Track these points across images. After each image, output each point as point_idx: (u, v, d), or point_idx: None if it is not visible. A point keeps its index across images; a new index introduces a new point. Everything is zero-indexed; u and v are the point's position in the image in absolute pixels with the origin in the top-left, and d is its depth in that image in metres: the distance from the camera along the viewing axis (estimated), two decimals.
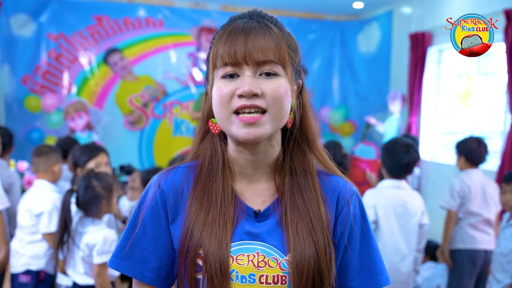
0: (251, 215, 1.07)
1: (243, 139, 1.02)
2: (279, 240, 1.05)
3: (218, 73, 1.04)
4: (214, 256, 1.00)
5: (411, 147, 2.93)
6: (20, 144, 6.19)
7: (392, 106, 6.06)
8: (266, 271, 1.02)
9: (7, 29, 6.15)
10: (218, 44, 1.04)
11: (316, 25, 7.38)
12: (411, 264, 2.91)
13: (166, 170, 1.14)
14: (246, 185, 1.11)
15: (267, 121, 1.01)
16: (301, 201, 1.07)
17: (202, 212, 1.05)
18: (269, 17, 1.10)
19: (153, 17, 6.76)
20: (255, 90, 0.99)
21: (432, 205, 5.53)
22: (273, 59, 1.01)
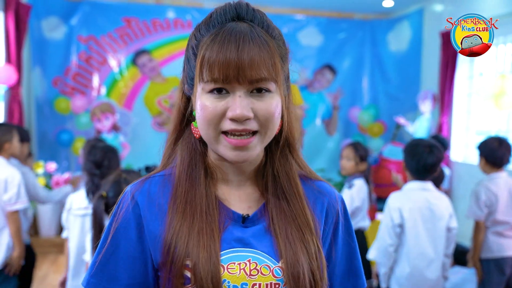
0: (238, 220, 1.02)
1: (232, 161, 0.98)
2: (269, 246, 1.00)
3: (204, 86, 0.95)
4: (204, 267, 0.93)
5: (434, 147, 2.85)
6: (50, 145, 6.30)
7: (422, 106, 5.94)
8: (259, 279, 0.97)
9: (38, 32, 6.26)
10: (207, 51, 0.94)
11: (345, 24, 7.29)
12: (438, 269, 2.82)
13: (141, 180, 1.05)
14: (229, 190, 1.05)
15: (257, 142, 0.97)
16: (287, 207, 1.03)
17: (186, 222, 0.98)
18: (259, 17, 0.99)
19: (182, 18, 6.78)
20: (247, 114, 0.93)
21: (463, 207, 5.39)
22: (267, 77, 0.94)
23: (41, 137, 6.32)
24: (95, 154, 2.99)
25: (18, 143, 3.37)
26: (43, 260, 5.16)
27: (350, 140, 6.48)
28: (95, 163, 2.94)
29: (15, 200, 3.15)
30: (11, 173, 3.16)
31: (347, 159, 3.65)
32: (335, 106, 7.08)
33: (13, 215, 3.17)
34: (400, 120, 6.26)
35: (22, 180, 3.23)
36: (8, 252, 3.17)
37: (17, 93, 5.21)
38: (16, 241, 3.18)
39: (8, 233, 3.17)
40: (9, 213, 3.15)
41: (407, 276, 2.82)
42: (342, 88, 7.06)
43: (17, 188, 3.15)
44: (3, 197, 3.13)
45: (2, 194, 3.13)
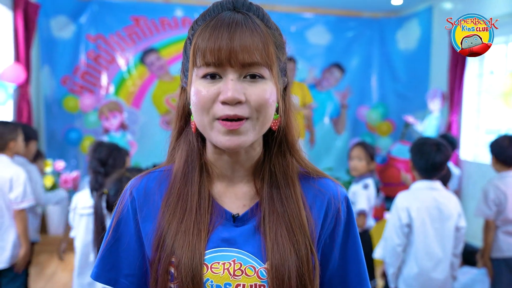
0: (229, 219, 1.01)
1: (224, 146, 0.95)
2: (256, 247, 0.98)
3: (198, 71, 0.95)
4: (186, 266, 0.94)
5: (442, 145, 2.82)
6: (59, 144, 6.32)
7: (431, 105, 5.89)
8: (243, 280, 0.96)
9: (47, 31, 6.28)
10: (200, 38, 0.94)
11: (353, 22, 7.26)
12: (447, 269, 2.80)
13: (140, 176, 1.08)
14: (225, 188, 1.04)
15: (249, 128, 0.95)
16: (281, 207, 1.00)
17: (175, 220, 0.99)
18: (255, 8, 1.00)
19: (190, 17, 6.78)
20: (239, 96, 0.92)
21: (473, 207, 5.35)
22: (260, 61, 0.93)
23: (49, 136, 6.35)
24: (100, 152, 2.99)
25: (22, 142, 3.38)
26: (51, 258, 5.18)
27: (358, 139, 6.45)
28: (100, 161, 2.94)
29: (22, 198, 3.16)
30: (16, 172, 3.17)
31: (358, 159, 3.60)
32: (343, 104, 7.05)
33: (20, 213, 3.18)
34: (409, 119, 6.22)
35: (28, 178, 3.23)
36: (14, 250, 3.18)
37: (25, 91, 5.22)
38: (23, 239, 3.19)
39: (14, 231, 3.18)
40: (16, 212, 3.17)
41: (415, 276, 2.80)
42: (351, 87, 7.03)
43: (23, 187, 3.16)
44: (10, 195, 3.14)
45: (7, 193, 3.14)
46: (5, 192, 3.14)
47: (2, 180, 3.14)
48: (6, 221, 3.16)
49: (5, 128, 3.26)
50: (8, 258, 3.15)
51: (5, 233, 3.16)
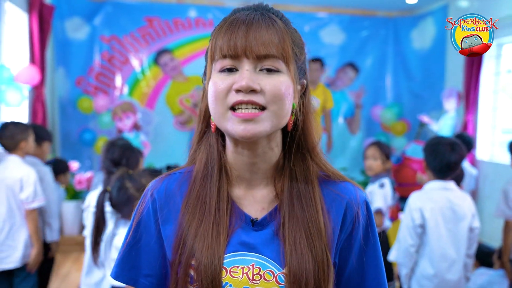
0: (248, 223, 1.01)
1: (239, 136, 0.94)
2: (275, 252, 0.98)
3: (215, 66, 0.96)
4: (205, 268, 0.95)
5: (456, 145, 2.78)
6: (73, 145, 6.36)
7: (447, 104, 5.83)
8: (262, 284, 0.96)
9: (61, 33, 6.33)
10: (218, 35, 0.96)
11: (368, 22, 7.21)
12: (460, 270, 2.76)
13: (160, 177, 1.09)
14: (244, 190, 1.04)
15: (266, 118, 0.94)
16: (300, 212, 1.00)
17: (195, 222, 0.99)
18: (274, 10, 1.02)
19: (203, 17, 6.78)
20: (253, 85, 0.92)
21: (489, 207, 5.28)
22: (275, 54, 0.94)
23: (64, 137, 6.39)
24: (113, 152, 2.99)
25: (33, 142, 3.40)
26: (65, 258, 5.21)
27: (373, 139, 6.40)
28: (113, 161, 2.94)
29: (32, 198, 3.18)
30: (26, 172, 3.19)
31: (373, 158, 3.56)
32: (357, 104, 7.00)
33: (31, 213, 3.20)
34: (424, 119, 6.16)
35: (38, 178, 3.25)
36: (26, 250, 3.20)
37: (40, 93, 5.26)
38: (34, 239, 3.21)
39: (26, 231, 3.20)
40: (27, 212, 3.19)
41: (430, 277, 2.76)
42: (365, 86, 6.98)
43: (34, 187, 3.18)
44: (20, 196, 3.17)
45: (18, 193, 3.16)
46: (16, 192, 3.16)
47: (12, 180, 3.16)
48: (17, 221, 3.18)
49: (16, 128, 3.28)
50: (20, 258, 3.18)
51: (17, 232, 3.18)
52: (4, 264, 3.15)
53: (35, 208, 3.22)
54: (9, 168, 3.21)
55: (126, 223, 2.54)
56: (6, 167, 3.21)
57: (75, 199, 5.51)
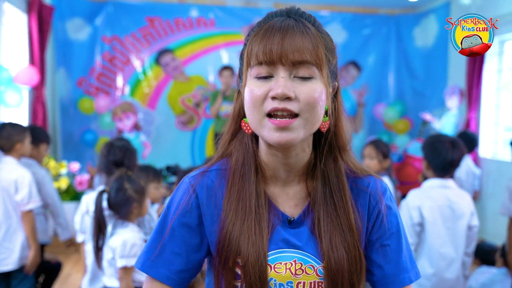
0: (285, 221, 1.07)
1: (275, 143, 0.99)
2: (314, 248, 1.05)
3: (251, 72, 1.01)
4: (253, 265, 1.00)
5: (456, 142, 2.75)
6: (75, 145, 6.36)
7: (449, 102, 5.79)
8: (303, 278, 1.04)
9: (62, 34, 6.33)
10: (254, 41, 1.00)
11: (370, 20, 7.18)
12: (459, 269, 2.73)
13: (200, 173, 1.11)
14: (278, 188, 1.10)
15: (299, 126, 0.98)
16: (333, 210, 1.07)
17: (238, 220, 1.04)
18: (307, 15, 1.06)
19: (205, 17, 6.77)
20: (288, 93, 0.96)
21: (492, 205, 5.24)
22: (310, 60, 0.98)
23: (65, 138, 6.39)
24: (114, 153, 2.97)
25: (29, 144, 3.38)
26: (66, 260, 5.19)
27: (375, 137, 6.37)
28: (114, 162, 2.92)
29: (28, 200, 3.16)
30: (21, 174, 3.17)
31: (369, 158, 3.55)
32: (360, 103, 6.96)
33: (27, 215, 3.18)
34: (427, 117, 6.13)
35: (33, 180, 3.23)
36: (23, 252, 3.18)
37: (40, 94, 5.26)
38: (31, 240, 3.20)
39: (22, 233, 3.19)
40: (23, 213, 3.17)
41: (429, 276, 2.73)
42: (368, 85, 6.95)
43: (28, 188, 3.16)
44: (16, 197, 3.15)
45: (14, 195, 3.15)
46: (11, 194, 3.15)
47: (7, 182, 3.14)
48: (13, 223, 3.17)
49: (13, 129, 3.27)
50: (17, 260, 3.16)
51: (13, 234, 3.16)
52: (1, 266, 3.14)
53: (31, 209, 3.20)
54: (3, 169, 3.19)
55: (123, 224, 2.53)
56: (1, 169, 3.20)
57: (76, 200, 5.50)
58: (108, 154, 2.96)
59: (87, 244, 3.00)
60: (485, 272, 3.99)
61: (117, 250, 2.40)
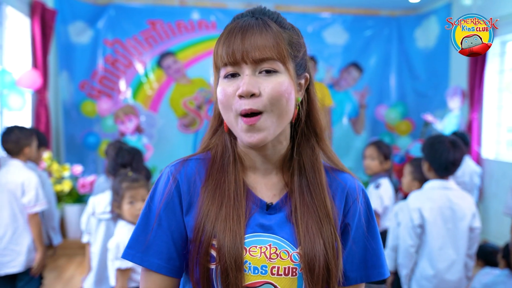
0: (263, 207, 1.09)
1: (247, 143, 1.04)
2: (289, 233, 1.07)
3: (220, 73, 1.06)
4: (229, 249, 1.02)
5: (456, 142, 2.76)
6: (77, 148, 6.37)
7: (451, 103, 5.79)
8: (278, 263, 1.05)
9: (65, 37, 6.35)
10: (218, 44, 1.06)
11: (371, 21, 7.18)
12: (461, 270, 2.72)
13: (180, 162, 1.14)
14: (257, 178, 1.13)
15: (267, 123, 1.03)
16: (310, 198, 1.09)
17: (214, 206, 1.06)
18: (270, 13, 1.09)
19: (206, 19, 6.78)
20: (253, 89, 1.00)
21: (495, 206, 5.24)
22: (271, 56, 1.02)
23: (68, 140, 6.40)
24: (123, 156, 3.00)
25: (36, 148, 3.41)
26: (69, 262, 5.22)
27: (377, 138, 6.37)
28: (123, 165, 2.95)
29: (34, 202, 3.18)
30: (28, 176, 3.20)
31: (370, 158, 3.57)
32: (362, 104, 6.97)
33: (34, 217, 3.20)
34: (428, 118, 6.12)
35: (40, 182, 3.25)
36: (29, 254, 3.20)
37: (43, 97, 5.28)
38: (38, 243, 3.22)
39: (29, 235, 3.20)
40: (30, 216, 3.19)
41: (430, 277, 2.73)
42: (369, 86, 6.95)
43: (35, 191, 3.18)
44: (22, 200, 3.17)
45: (20, 198, 3.17)
46: (17, 196, 3.17)
47: (14, 185, 3.16)
48: (20, 225, 3.19)
49: (21, 133, 3.30)
50: (24, 262, 3.18)
51: (20, 237, 3.18)
52: (8, 268, 3.16)
53: (38, 212, 3.22)
54: (10, 172, 3.22)
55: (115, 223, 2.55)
56: (8, 172, 3.22)
57: (79, 203, 5.52)
58: (116, 157, 2.99)
59: (93, 245, 3.02)
60: (488, 273, 3.99)
61: (111, 252, 2.41)
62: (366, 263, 1.14)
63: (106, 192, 3.00)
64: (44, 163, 4.92)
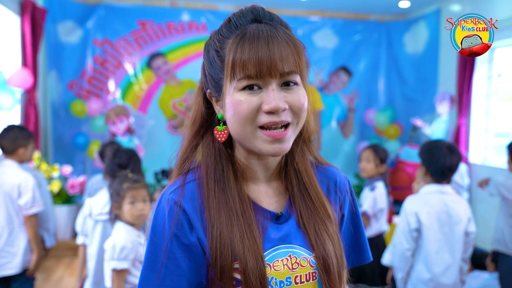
0: (272, 218, 1.08)
1: (270, 154, 1.01)
2: (302, 240, 1.08)
3: (237, 84, 0.98)
4: (252, 270, 0.99)
5: (453, 147, 2.80)
6: (66, 148, 6.32)
7: (440, 108, 5.84)
8: (300, 271, 1.05)
9: (54, 36, 6.28)
10: (236, 52, 0.97)
11: (361, 25, 7.23)
12: (456, 274, 2.76)
13: (179, 187, 1.06)
14: (258, 188, 1.10)
15: (291, 134, 1.02)
16: (310, 202, 1.10)
17: (224, 227, 1.01)
18: (276, 18, 1.04)
19: (196, 21, 6.77)
20: (283, 106, 0.98)
21: (482, 211, 5.30)
22: (295, 70, 0.99)
23: (56, 140, 6.34)
24: (120, 157, 3.01)
25: (31, 152, 3.36)
26: (58, 263, 5.17)
27: (366, 142, 6.41)
28: (120, 166, 2.95)
29: (31, 204, 3.15)
30: (24, 178, 3.16)
31: (366, 161, 3.62)
32: (350, 108, 7.02)
33: (30, 219, 3.17)
34: (417, 122, 6.18)
35: (36, 184, 3.22)
36: (25, 255, 3.17)
37: (33, 96, 5.22)
38: (34, 244, 3.19)
39: (24, 237, 3.17)
40: (26, 217, 3.16)
41: (426, 281, 2.76)
42: (358, 90, 7.00)
43: (32, 192, 3.15)
44: (19, 201, 3.13)
45: (16, 199, 3.13)
46: (13, 198, 3.13)
47: (10, 186, 3.13)
48: (16, 227, 3.15)
49: (20, 133, 3.27)
50: (20, 264, 3.15)
51: (16, 239, 3.15)
52: (4, 270, 3.12)
53: (34, 213, 3.19)
54: (6, 173, 3.18)
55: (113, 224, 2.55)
56: (3, 173, 3.18)
57: (68, 204, 5.47)
58: (114, 158, 2.99)
59: (89, 247, 3.00)
60: (478, 277, 4.04)
61: (107, 252, 2.40)
62: (355, 248, 1.21)
63: (102, 193, 2.98)
64: (33, 163, 4.86)
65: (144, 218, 2.54)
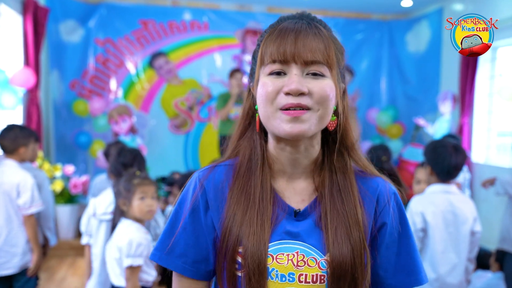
0: (291, 214, 1.09)
1: (286, 133, 1.02)
2: (317, 240, 1.06)
3: (265, 69, 1.05)
4: (252, 254, 1.02)
5: (459, 146, 2.79)
6: (68, 148, 6.32)
7: (442, 107, 5.84)
8: (305, 270, 1.04)
9: (56, 36, 6.28)
10: (268, 42, 1.05)
11: (363, 25, 7.23)
12: (461, 274, 2.75)
13: (208, 168, 1.15)
14: (285, 183, 1.12)
15: (311, 118, 1.02)
16: (340, 204, 1.09)
17: (240, 210, 1.06)
18: (318, 19, 1.11)
19: (198, 20, 6.77)
20: (302, 88, 1.00)
21: (485, 210, 5.29)
22: (321, 60, 1.02)
23: (59, 140, 6.34)
24: (125, 156, 3.02)
25: (33, 151, 3.35)
26: (61, 263, 5.16)
27: (368, 142, 6.40)
28: (124, 165, 2.95)
29: (30, 204, 3.14)
30: (23, 177, 3.15)
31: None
32: (353, 107, 7.00)
33: (29, 219, 3.16)
34: (420, 121, 6.17)
35: (35, 183, 3.21)
36: (25, 255, 3.16)
37: (35, 96, 5.22)
38: (34, 244, 3.18)
39: (24, 236, 3.16)
40: (25, 217, 3.15)
41: (430, 281, 2.75)
42: (360, 89, 6.99)
43: (31, 192, 3.14)
44: (18, 201, 3.12)
45: (15, 199, 3.12)
46: (12, 197, 3.12)
47: (9, 186, 3.11)
48: (15, 226, 3.14)
49: (20, 132, 3.26)
50: (19, 264, 3.14)
51: (15, 238, 3.14)
52: (2, 270, 3.11)
53: (33, 213, 3.18)
54: (5, 173, 3.17)
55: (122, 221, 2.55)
56: (3, 172, 3.17)
57: (70, 203, 5.47)
58: (118, 157, 3.00)
59: (94, 247, 2.99)
60: (481, 276, 4.04)
61: (123, 249, 2.40)
62: (403, 269, 1.12)
63: (106, 193, 2.98)
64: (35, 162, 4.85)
65: (152, 214, 2.56)
